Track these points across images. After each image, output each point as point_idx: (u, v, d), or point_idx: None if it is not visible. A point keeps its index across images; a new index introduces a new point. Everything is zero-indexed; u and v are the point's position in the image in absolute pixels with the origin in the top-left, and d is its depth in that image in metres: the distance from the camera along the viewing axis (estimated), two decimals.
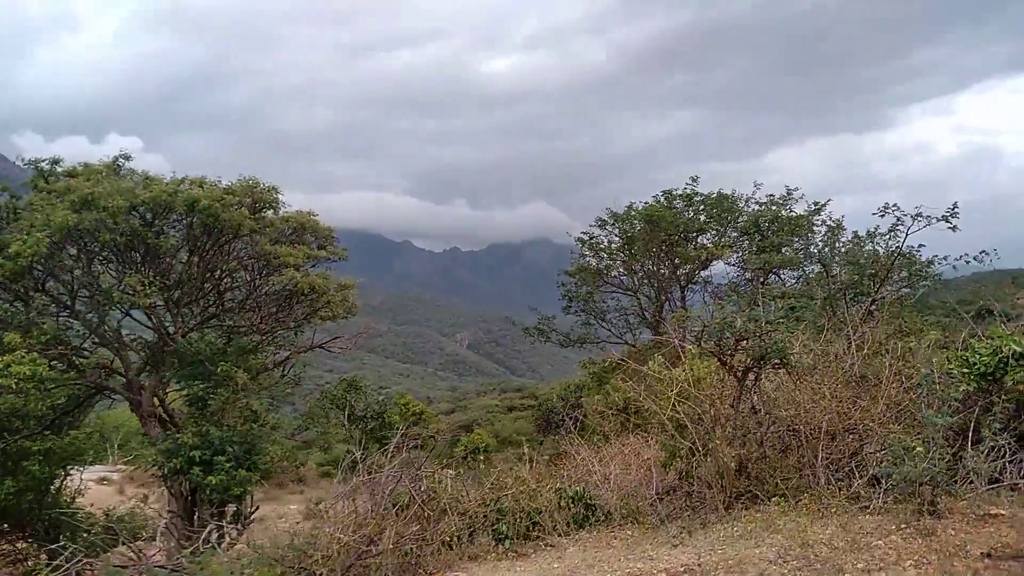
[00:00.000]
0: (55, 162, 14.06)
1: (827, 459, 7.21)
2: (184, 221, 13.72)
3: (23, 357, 11.68)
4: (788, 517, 6.21)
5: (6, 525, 16.24)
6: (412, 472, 7.41)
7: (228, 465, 12.54)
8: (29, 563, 17.16)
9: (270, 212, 14.94)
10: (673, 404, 8.09)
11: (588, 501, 8.95)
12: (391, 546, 6.27)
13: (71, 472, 17.71)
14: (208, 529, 13.49)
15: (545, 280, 26.17)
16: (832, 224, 19.37)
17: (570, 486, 8.96)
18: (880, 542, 5.24)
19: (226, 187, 14.07)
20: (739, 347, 7.36)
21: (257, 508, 13.69)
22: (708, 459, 7.39)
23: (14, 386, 11.56)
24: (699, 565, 5.19)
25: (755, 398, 7.79)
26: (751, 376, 7.61)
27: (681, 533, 6.61)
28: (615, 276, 25.25)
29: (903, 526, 5.51)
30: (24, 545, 17.02)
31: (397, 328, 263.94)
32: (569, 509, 8.67)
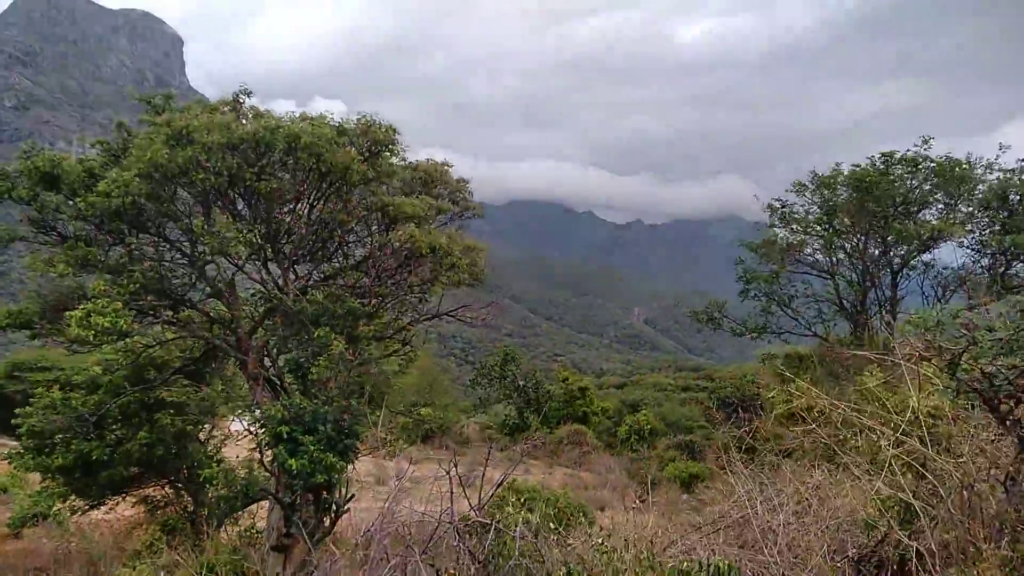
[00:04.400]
0: (168, 98, 12.93)
1: None
2: (288, 162, 12.02)
3: (106, 306, 10.51)
4: None
5: (147, 473, 16.26)
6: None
7: (314, 448, 10.76)
8: (171, 510, 17.24)
9: (389, 156, 12.91)
10: (892, 454, 4.86)
11: None
12: None
13: (211, 424, 17.46)
14: (296, 517, 12.08)
15: (733, 259, 22.37)
16: None
17: (709, 557, 6.02)
18: None
19: (337, 124, 12.18)
20: None
21: (353, 496, 11.89)
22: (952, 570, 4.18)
23: (92, 338, 10.45)
24: None
25: None
26: None
27: None
28: (808, 254, 20.94)
29: None
30: (170, 491, 17.05)
31: (576, 299, 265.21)
32: None
